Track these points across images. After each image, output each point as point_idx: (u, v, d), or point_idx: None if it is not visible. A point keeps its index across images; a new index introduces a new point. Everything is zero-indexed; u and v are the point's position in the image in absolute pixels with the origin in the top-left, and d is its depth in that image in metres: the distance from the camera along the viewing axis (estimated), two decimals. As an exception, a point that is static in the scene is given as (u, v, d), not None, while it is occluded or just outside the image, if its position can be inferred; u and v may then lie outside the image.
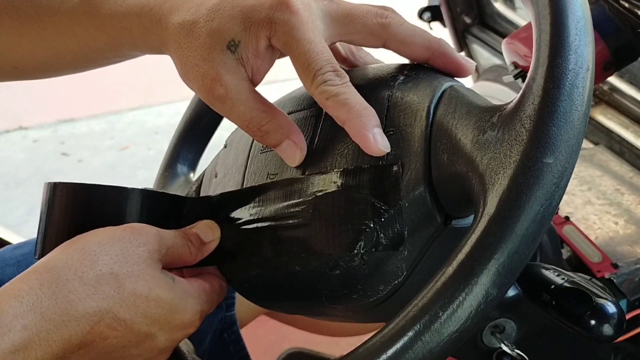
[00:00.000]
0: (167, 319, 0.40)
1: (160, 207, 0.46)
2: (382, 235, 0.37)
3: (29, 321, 0.35)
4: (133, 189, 0.44)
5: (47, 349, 0.35)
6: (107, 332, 0.37)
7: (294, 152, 0.41)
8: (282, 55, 0.43)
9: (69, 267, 0.37)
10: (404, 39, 0.41)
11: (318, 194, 0.40)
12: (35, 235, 0.67)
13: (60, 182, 0.44)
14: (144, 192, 0.45)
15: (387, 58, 0.47)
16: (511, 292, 0.42)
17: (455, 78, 0.42)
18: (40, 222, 0.44)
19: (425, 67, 0.42)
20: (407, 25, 0.42)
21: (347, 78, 0.39)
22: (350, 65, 0.48)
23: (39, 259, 0.40)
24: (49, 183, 0.44)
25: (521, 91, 0.33)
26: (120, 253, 0.39)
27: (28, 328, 0.35)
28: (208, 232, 0.45)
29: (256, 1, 0.39)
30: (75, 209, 0.43)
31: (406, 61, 0.43)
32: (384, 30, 0.41)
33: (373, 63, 0.48)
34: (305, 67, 0.39)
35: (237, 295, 0.72)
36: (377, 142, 0.37)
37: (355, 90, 0.39)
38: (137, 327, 0.38)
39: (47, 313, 0.36)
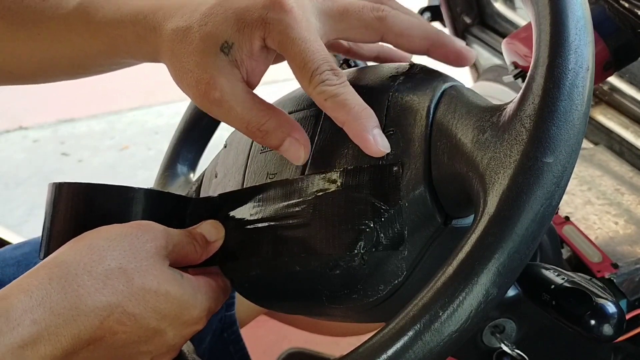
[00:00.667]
0: (176, 314, 0.40)
1: (164, 207, 0.46)
2: (382, 235, 0.37)
3: (38, 316, 0.35)
4: (137, 189, 0.44)
5: (57, 344, 0.35)
6: (117, 327, 0.37)
7: (297, 149, 0.40)
8: (278, 59, 0.42)
9: (78, 262, 0.37)
10: (402, 31, 0.41)
11: (318, 194, 0.40)
12: (35, 235, 0.68)
13: (65, 183, 0.44)
14: (148, 192, 0.45)
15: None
16: (511, 292, 0.42)
17: (455, 78, 0.42)
18: (45, 222, 0.44)
19: (426, 67, 0.42)
20: (405, 17, 0.41)
21: (345, 77, 0.39)
22: (354, 56, 0.47)
23: (43, 259, 0.40)
24: (54, 183, 0.44)
25: (521, 91, 0.33)
26: (128, 248, 0.39)
27: (37, 322, 0.35)
28: (213, 231, 0.45)
29: (249, 2, 0.39)
30: (80, 209, 0.43)
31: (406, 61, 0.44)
32: (381, 24, 0.41)
33: (377, 50, 0.47)
34: (301, 67, 0.38)
35: (237, 295, 0.72)
36: (377, 143, 0.37)
37: (353, 90, 0.38)
38: (147, 322, 0.38)
39: (56, 308, 0.36)
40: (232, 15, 0.39)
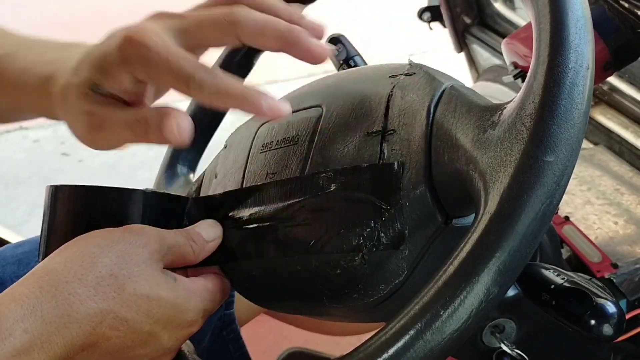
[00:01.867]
0: (169, 318, 0.40)
1: (162, 208, 0.46)
2: (382, 234, 0.37)
3: (29, 324, 0.35)
4: (135, 190, 0.44)
5: (50, 352, 0.35)
6: (110, 332, 0.37)
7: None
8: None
9: (69, 270, 0.37)
10: (254, 33, 0.40)
11: (318, 194, 0.40)
12: (35, 234, 0.67)
13: (62, 185, 0.44)
14: (146, 192, 0.45)
15: (387, 60, 0.47)
16: (511, 292, 0.42)
17: (455, 78, 0.42)
18: (43, 224, 0.44)
19: (425, 66, 0.42)
20: (258, 18, 0.40)
21: (219, 70, 0.38)
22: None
23: (41, 261, 0.40)
24: (51, 186, 0.44)
25: (521, 90, 0.33)
26: (120, 255, 0.39)
27: (29, 331, 0.35)
28: (210, 230, 0.44)
29: (106, 47, 0.40)
30: (78, 211, 0.43)
31: (406, 61, 0.44)
32: (234, 27, 0.40)
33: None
34: (176, 83, 0.38)
35: (236, 293, 0.72)
36: (270, 107, 0.37)
37: (230, 79, 0.38)
38: (140, 327, 0.38)
39: (47, 316, 0.36)
40: (95, 62, 0.41)
